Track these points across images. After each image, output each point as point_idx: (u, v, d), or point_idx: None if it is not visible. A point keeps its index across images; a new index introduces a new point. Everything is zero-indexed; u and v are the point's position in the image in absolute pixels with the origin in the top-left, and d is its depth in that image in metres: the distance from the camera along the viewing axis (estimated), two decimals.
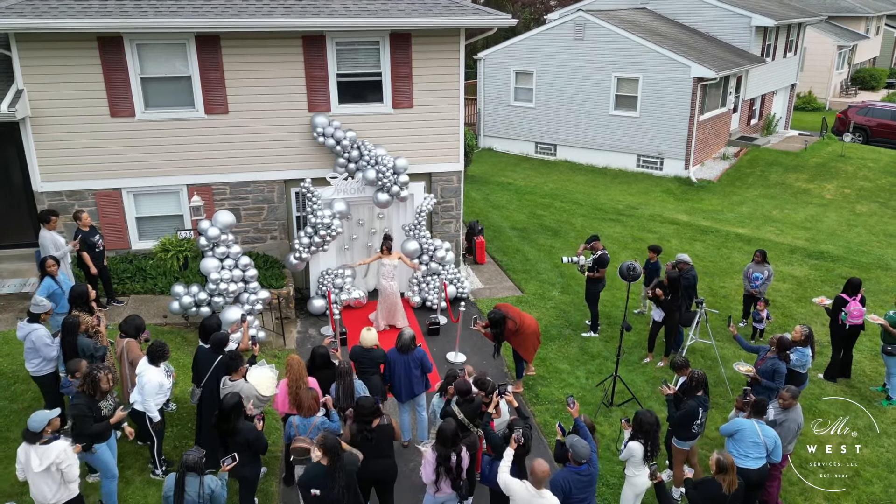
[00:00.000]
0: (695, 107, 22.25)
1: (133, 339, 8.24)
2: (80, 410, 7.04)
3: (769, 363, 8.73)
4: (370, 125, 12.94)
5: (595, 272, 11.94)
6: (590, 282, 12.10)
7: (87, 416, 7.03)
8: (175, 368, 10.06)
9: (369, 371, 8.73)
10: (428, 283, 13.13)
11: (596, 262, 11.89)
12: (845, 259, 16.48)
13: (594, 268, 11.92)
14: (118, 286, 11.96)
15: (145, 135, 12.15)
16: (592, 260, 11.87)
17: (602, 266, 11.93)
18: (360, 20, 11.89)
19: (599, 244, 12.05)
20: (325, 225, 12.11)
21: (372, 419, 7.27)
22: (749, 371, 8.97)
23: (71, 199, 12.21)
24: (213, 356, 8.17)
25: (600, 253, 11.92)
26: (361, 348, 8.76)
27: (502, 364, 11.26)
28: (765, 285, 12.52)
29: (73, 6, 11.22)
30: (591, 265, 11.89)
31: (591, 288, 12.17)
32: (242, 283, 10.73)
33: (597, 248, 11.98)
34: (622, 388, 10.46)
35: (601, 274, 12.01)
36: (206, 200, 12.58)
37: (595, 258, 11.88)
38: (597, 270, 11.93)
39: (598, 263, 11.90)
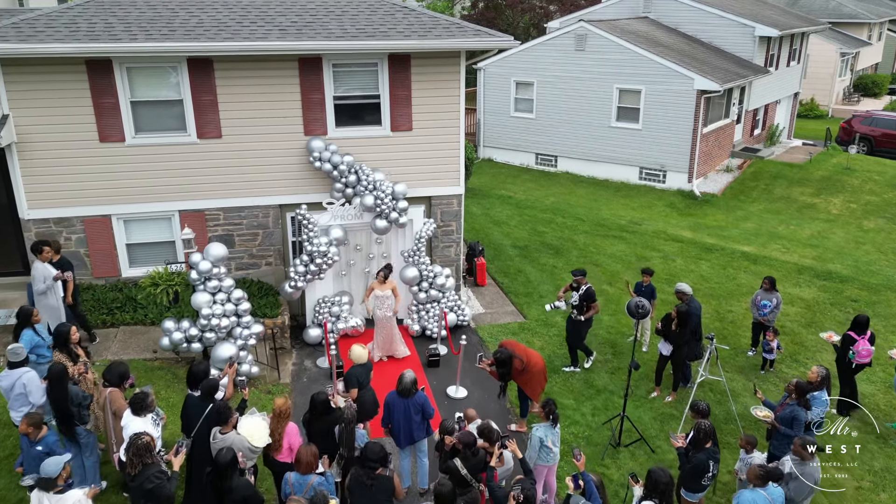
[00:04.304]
0: (698, 119, 21.90)
1: (116, 388, 7.85)
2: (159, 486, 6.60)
3: (788, 410, 8.36)
4: (368, 148, 12.56)
5: (585, 309, 11.28)
6: (577, 322, 11.44)
7: (163, 484, 6.60)
8: (165, 408, 9.73)
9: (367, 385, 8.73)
10: (428, 311, 12.75)
11: (583, 299, 11.22)
12: (854, 280, 16.12)
13: (582, 305, 11.24)
14: (107, 316, 11.58)
15: (136, 160, 11.77)
16: (578, 297, 11.22)
17: (592, 300, 11.27)
18: (358, 43, 11.51)
19: (584, 279, 11.35)
20: (322, 253, 11.73)
21: (376, 467, 6.99)
22: (767, 417, 8.61)
23: (59, 227, 11.83)
24: (202, 405, 7.80)
25: (585, 288, 11.22)
26: (359, 366, 8.77)
27: (505, 399, 10.89)
28: (773, 314, 12.16)
29: (60, 30, 10.83)
30: (578, 302, 11.24)
31: (578, 328, 11.49)
32: (235, 318, 10.34)
33: (581, 284, 11.26)
34: (629, 425, 10.09)
35: (595, 310, 11.34)
36: (199, 226, 12.24)
37: (581, 294, 11.20)
38: (586, 307, 11.27)
39: (586, 299, 11.23)
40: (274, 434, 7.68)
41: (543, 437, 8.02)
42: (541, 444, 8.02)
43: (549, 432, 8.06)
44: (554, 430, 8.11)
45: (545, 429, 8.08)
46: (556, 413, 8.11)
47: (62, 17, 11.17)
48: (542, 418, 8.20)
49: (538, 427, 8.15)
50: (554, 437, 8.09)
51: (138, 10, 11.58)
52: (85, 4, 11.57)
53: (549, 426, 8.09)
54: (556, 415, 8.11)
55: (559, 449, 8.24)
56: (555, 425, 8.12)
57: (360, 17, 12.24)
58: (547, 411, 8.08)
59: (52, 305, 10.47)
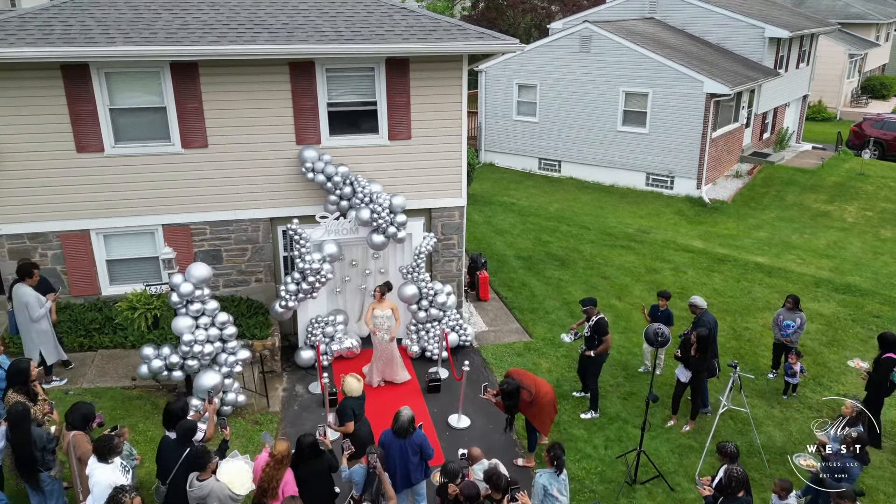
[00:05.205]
0: (707, 123, 21.14)
1: (80, 430, 7.08)
2: None
3: (840, 463, 7.56)
4: (364, 158, 11.81)
5: (597, 343, 10.19)
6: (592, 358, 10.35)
7: None
8: (143, 442, 9.00)
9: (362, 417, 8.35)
10: (428, 331, 12.00)
11: (594, 331, 10.17)
12: (875, 294, 15.37)
13: (594, 339, 10.23)
14: (85, 339, 10.84)
15: (116, 171, 11.01)
16: (589, 328, 10.21)
17: (603, 333, 10.16)
18: (353, 46, 10.75)
19: (594, 309, 10.27)
20: (314, 270, 10.97)
21: None
22: (811, 467, 7.82)
23: (34, 242, 11.08)
24: (179, 449, 7.05)
25: (596, 319, 10.15)
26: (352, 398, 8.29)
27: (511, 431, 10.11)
28: (797, 334, 11.42)
29: (33, 33, 10.08)
30: (590, 334, 10.22)
31: (593, 361, 10.37)
32: (220, 343, 9.59)
33: (591, 314, 10.22)
34: (645, 459, 9.34)
35: (606, 345, 10.25)
36: (185, 241, 11.50)
37: (592, 325, 10.18)
38: (598, 341, 10.20)
39: (598, 331, 10.17)
40: (271, 482, 6.91)
41: (547, 484, 7.24)
42: (545, 493, 7.24)
43: (553, 480, 7.28)
44: (559, 477, 7.31)
45: (549, 476, 7.30)
46: (563, 460, 7.31)
47: (36, 20, 10.42)
48: (546, 463, 7.44)
49: (541, 473, 7.37)
50: (560, 486, 7.29)
51: (118, 12, 10.84)
52: (61, 5, 10.82)
53: (554, 473, 7.31)
54: (562, 462, 7.31)
55: (567, 498, 7.41)
56: (559, 472, 7.32)
57: (356, 19, 11.49)
58: (551, 457, 7.28)
59: (46, 330, 9.82)
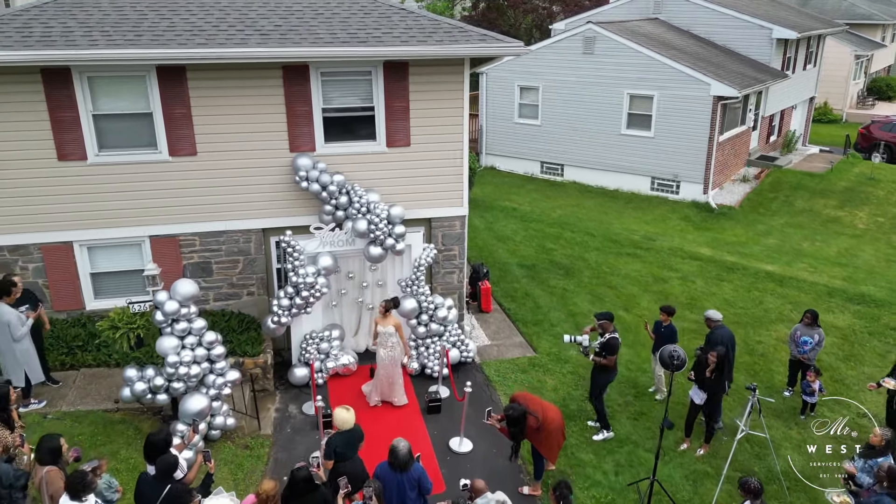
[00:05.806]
0: (714, 127, 20.61)
1: (53, 466, 6.55)
2: None
3: (874, 499, 7.04)
4: (361, 166, 11.27)
5: (602, 358, 9.80)
6: (597, 371, 9.92)
7: None
8: (125, 471, 8.47)
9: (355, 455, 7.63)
10: (428, 347, 11.47)
11: (603, 348, 9.73)
12: (891, 304, 14.83)
13: (601, 353, 9.78)
14: (67, 357, 10.31)
15: (100, 180, 10.47)
16: (600, 344, 9.77)
17: (611, 353, 9.70)
18: (349, 49, 10.22)
19: (610, 325, 9.85)
20: (308, 284, 10.44)
21: None
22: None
23: (14, 255, 10.53)
24: (158, 487, 6.52)
25: (609, 336, 9.70)
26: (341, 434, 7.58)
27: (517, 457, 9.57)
28: (815, 351, 10.89)
29: (11, 35, 9.54)
30: (598, 349, 9.80)
31: (598, 379, 9.93)
32: (208, 364, 9.05)
33: (606, 330, 9.80)
34: (658, 488, 8.80)
35: (609, 361, 9.76)
36: (173, 253, 10.97)
37: (602, 342, 9.74)
38: (604, 357, 9.77)
39: (606, 350, 9.70)
40: None
41: None
42: None
43: None
44: None
45: None
46: (570, 500, 6.78)
47: (14, 21, 9.88)
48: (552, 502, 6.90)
49: None
50: None
51: (102, 13, 10.30)
52: (42, 6, 10.27)
53: None
54: (570, 501, 6.79)
55: None
56: None
57: (352, 20, 10.96)
58: (557, 496, 6.76)
59: (29, 350, 9.30)
